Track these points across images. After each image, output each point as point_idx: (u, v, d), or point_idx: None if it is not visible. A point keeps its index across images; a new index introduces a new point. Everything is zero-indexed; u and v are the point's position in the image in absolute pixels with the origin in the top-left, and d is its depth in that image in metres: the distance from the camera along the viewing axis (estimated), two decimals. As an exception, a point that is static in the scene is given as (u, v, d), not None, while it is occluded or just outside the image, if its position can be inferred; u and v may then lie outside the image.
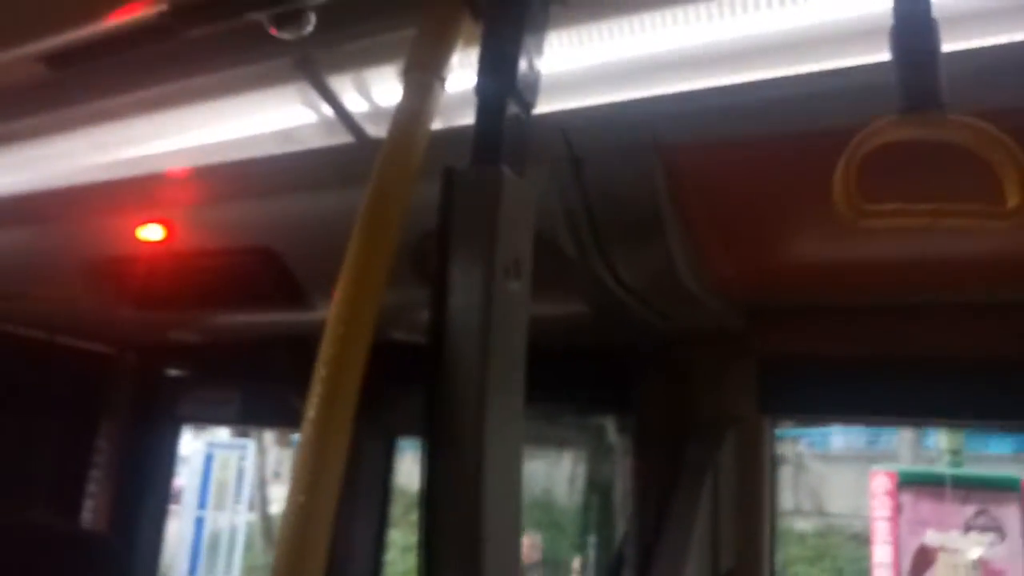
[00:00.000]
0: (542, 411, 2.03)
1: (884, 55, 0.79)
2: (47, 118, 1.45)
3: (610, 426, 1.92)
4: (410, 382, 1.00)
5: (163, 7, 0.89)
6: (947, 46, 0.95)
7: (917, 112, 0.74)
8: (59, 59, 1.04)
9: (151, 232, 1.68)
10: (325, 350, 0.85)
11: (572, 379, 1.91)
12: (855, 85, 1.01)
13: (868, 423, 3.52)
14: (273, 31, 1.01)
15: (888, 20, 0.79)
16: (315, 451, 0.80)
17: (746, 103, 1.11)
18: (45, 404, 2.60)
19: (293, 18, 1.00)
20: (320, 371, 0.84)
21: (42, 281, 2.00)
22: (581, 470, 2.02)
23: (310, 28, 1.02)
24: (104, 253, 1.78)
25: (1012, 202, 0.71)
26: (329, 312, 0.86)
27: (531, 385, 1.83)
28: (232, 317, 2.03)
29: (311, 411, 0.83)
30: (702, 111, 1.14)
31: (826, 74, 1.03)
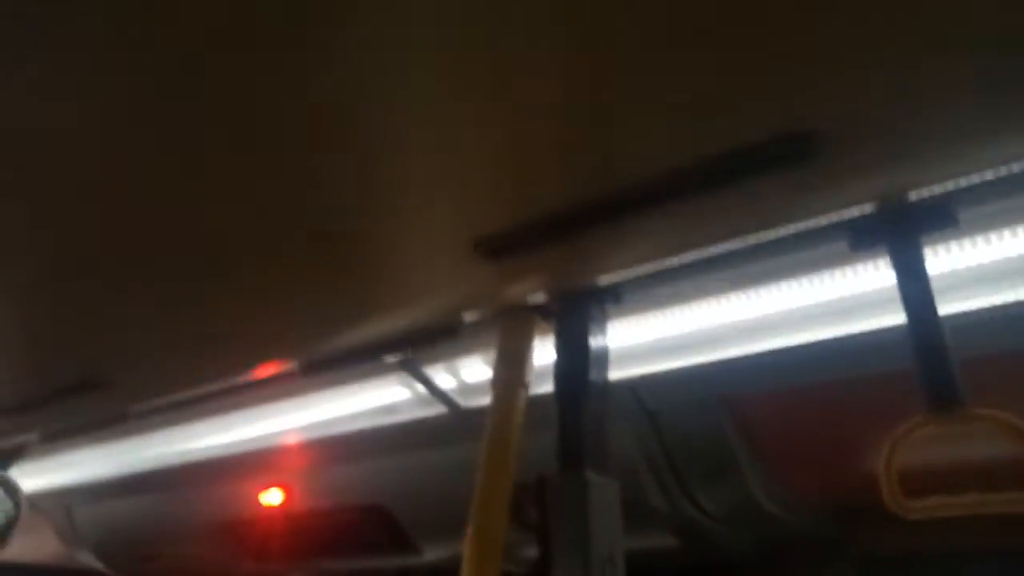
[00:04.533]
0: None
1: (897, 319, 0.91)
2: (187, 411, 1.68)
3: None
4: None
5: (293, 367, 1.09)
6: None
7: (942, 410, 0.85)
8: (203, 398, 1.25)
9: (272, 496, 1.86)
10: None
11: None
12: (882, 341, 1.13)
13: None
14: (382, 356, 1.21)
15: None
16: None
17: (794, 358, 1.24)
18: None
19: (397, 353, 1.19)
20: None
21: (176, 542, 2.19)
22: None
23: (411, 354, 1.22)
24: (231, 516, 1.96)
25: (1043, 485, 0.81)
26: (457, 555, 1.01)
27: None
28: (347, 563, 2.16)
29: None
30: (758, 366, 1.27)
31: (854, 336, 1.16)
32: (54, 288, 0.91)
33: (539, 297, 1.15)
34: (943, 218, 0.92)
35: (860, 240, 0.96)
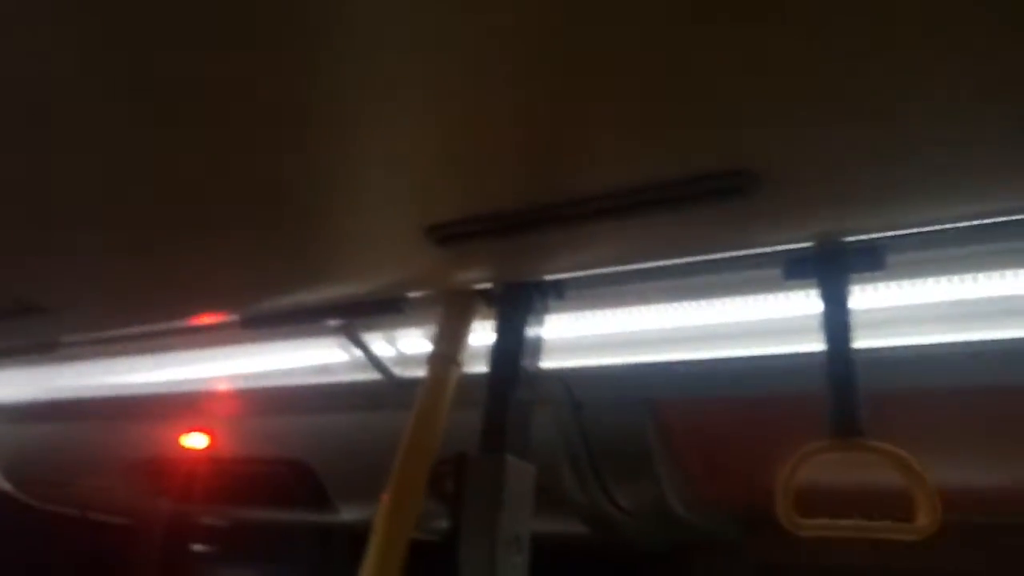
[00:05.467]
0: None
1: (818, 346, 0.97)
2: (120, 346, 1.67)
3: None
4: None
5: (234, 318, 1.10)
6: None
7: (842, 438, 0.91)
8: (139, 337, 1.25)
9: (194, 440, 1.86)
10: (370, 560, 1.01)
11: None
12: (800, 365, 1.18)
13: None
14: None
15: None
16: None
17: (719, 371, 1.29)
18: (73, 576, 2.70)
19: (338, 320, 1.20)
20: None
21: (92, 473, 2.17)
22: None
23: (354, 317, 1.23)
24: (151, 455, 1.95)
25: (921, 521, 0.87)
26: (374, 518, 1.04)
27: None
28: (264, 514, 2.17)
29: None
30: (684, 374, 1.33)
31: (776, 356, 1.22)
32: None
33: (484, 283, 1.17)
34: (873, 261, 0.97)
35: (793, 271, 1.01)
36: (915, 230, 0.91)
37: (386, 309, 1.09)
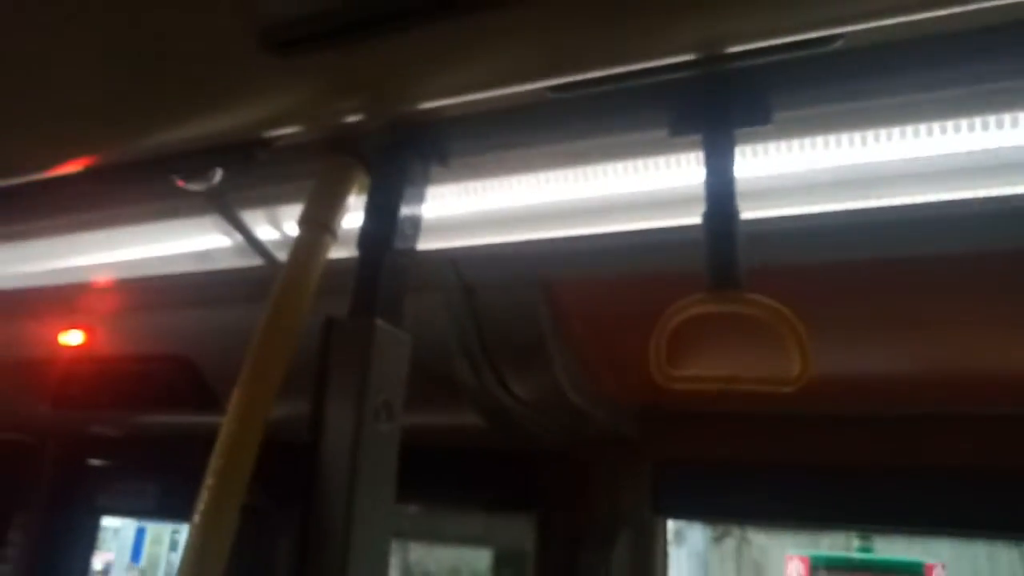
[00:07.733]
0: (449, 509, 2.10)
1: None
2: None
3: (517, 525, 2.00)
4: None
5: (93, 167, 0.99)
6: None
7: (720, 290, 0.88)
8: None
9: (72, 337, 1.74)
10: (215, 461, 0.93)
11: (479, 479, 2.00)
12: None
13: (760, 526, 3.63)
14: (181, 183, 1.12)
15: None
16: (199, 552, 0.87)
17: (614, 247, 1.25)
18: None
19: (200, 173, 1.11)
20: (208, 479, 0.92)
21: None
22: (489, 567, 2.10)
23: (217, 180, 1.13)
24: (26, 355, 1.83)
25: (795, 371, 0.85)
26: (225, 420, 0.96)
27: (438, 485, 1.91)
28: (150, 417, 2.08)
29: (197, 516, 0.90)
30: (579, 252, 1.28)
31: (670, 229, 1.18)
32: None
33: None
34: (757, 113, 0.94)
35: (678, 126, 0.97)
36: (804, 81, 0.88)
37: (245, 154, 0.99)
